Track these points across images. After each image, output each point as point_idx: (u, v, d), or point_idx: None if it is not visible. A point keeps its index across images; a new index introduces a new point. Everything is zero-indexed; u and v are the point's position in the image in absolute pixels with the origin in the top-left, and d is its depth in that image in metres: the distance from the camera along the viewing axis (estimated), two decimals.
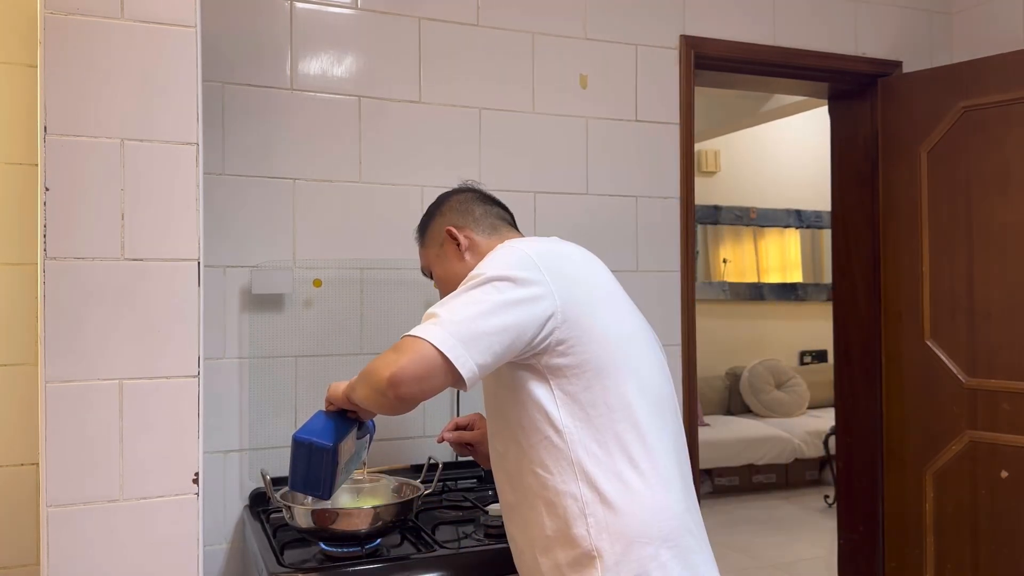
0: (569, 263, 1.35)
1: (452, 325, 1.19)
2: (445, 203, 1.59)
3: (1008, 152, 2.52)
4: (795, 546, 4.58)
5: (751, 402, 6.25)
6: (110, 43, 1.36)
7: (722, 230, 6.56)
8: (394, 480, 1.79)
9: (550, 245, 1.38)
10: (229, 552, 2.01)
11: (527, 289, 1.25)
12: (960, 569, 2.60)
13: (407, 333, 1.22)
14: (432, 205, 1.62)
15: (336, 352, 2.09)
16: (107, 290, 1.36)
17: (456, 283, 1.37)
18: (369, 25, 2.16)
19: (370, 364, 1.27)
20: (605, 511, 1.25)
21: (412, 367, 1.17)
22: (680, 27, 2.50)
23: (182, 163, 1.40)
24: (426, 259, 1.60)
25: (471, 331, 1.19)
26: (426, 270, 1.62)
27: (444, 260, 1.53)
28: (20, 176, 1.84)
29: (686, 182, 2.49)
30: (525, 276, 1.26)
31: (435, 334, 1.18)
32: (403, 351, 1.19)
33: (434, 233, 1.57)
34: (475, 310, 1.22)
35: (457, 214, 1.55)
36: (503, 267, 1.27)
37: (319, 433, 1.42)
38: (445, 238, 1.53)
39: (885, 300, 2.81)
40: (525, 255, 1.30)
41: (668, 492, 1.30)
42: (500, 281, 1.24)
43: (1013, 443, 2.49)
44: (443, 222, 1.55)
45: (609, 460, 1.27)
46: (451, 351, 1.17)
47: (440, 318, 1.21)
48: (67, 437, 1.33)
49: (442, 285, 1.54)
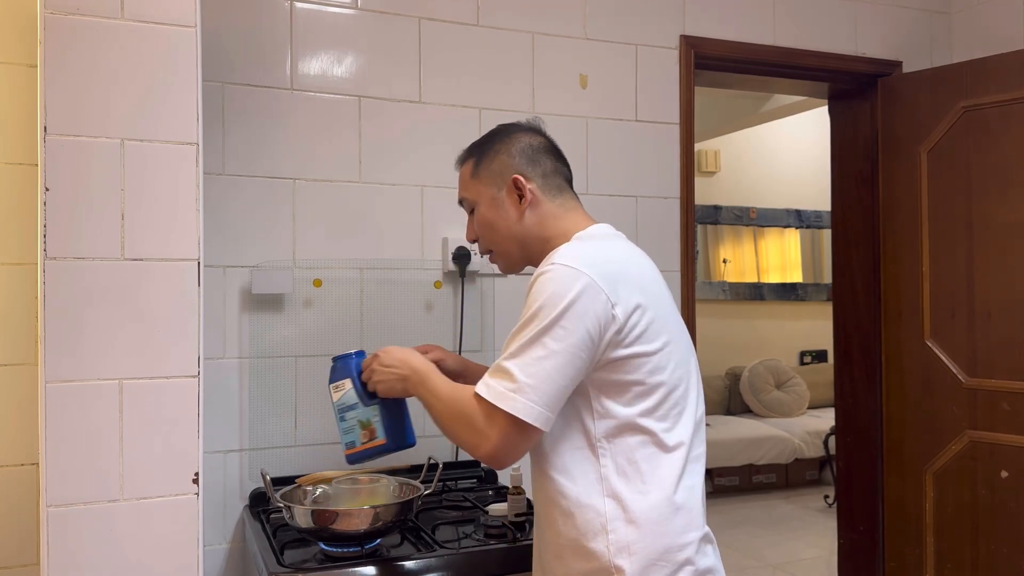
0: (636, 282, 1.28)
1: (532, 392, 1.18)
2: (514, 141, 1.42)
3: (1008, 152, 2.52)
4: (795, 546, 4.58)
5: (751, 402, 6.25)
6: (110, 43, 1.37)
7: (722, 230, 6.56)
8: (394, 480, 1.79)
9: (618, 260, 1.30)
10: (229, 552, 2.01)
11: (594, 322, 1.21)
12: (960, 569, 2.61)
13: (486, 397, 1.21)
14: (496, 133, 1.45)
15: (336, 352, 2.09)
16: (107, 290, 1.36)
17: (505, 236, 1.38)
18: (369, 25, 2.16)
19: (450, 421, 1.28)
20: (628, 529, 1.22)
21: (506, 446, 1.21)
22: (680, 27, 2.50)
23: (182, 163, 1.40)
24: (475, 194, 1.43)
25: (552, 393, 1.19)
26: (469, 204, 1.45)
27: (499, 208, 1.40)
28: (20, 176, 1.84)
29: (686, 182, 2.49)
30: (592, 309, 1.21)
31: (521, 407, 1.18)
32: (492, 426, 1.20)
33: (496, 172, 1.40)
34: (551, 365, 1.19)
35: (527, 161, 1.40)
36: (569, 301, 1.20)
37: None
38: (509, 185, 1.38)
39: (885, 300, 2.81)
40: (592, 282, 1.22)
41: (692, 514, 1.27)
42: (567, 319, 1.20)
43: (1013, 443, 2.49)
44: (510, 165, 1.39)
45: (639, 478, 1.24)
46: (538, 419, 1.19)
47: (519, 382, 1.19)
48: (67, 437, 1.33)
49: (485, 230, 1.43)
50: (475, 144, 1.47)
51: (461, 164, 1.47)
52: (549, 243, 1.36)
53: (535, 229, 1.39)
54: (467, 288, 2.22)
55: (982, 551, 2.56)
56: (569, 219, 1.39)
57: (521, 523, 1.73)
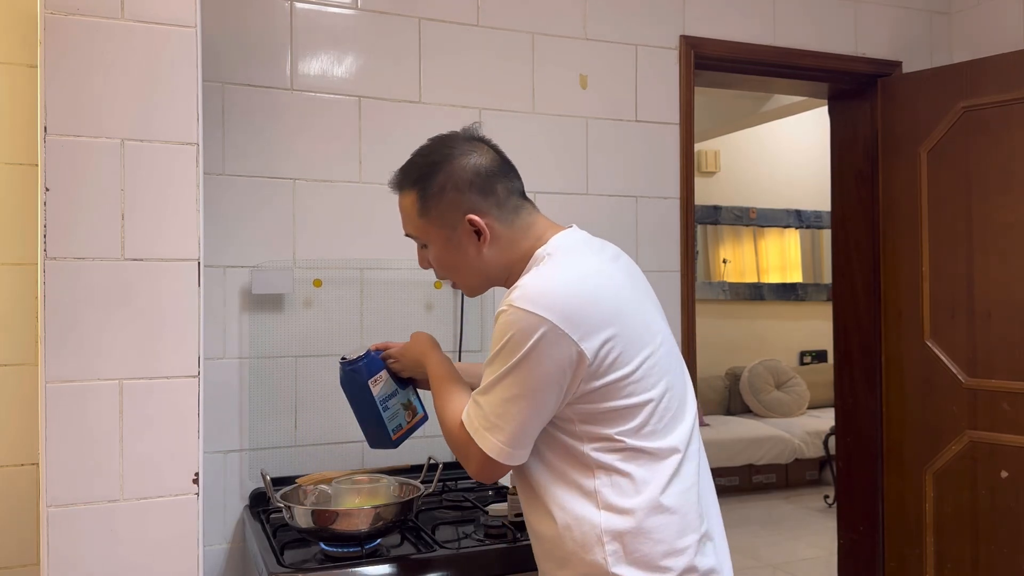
0: (606, 305, 1.24)
1: (500, 432, 1.23)
2: (458, 168, 1.30)
3: (1008, 152, 2.52)
4: (795, 546, 4.58)
5: (751, 402, 6.24)
6: (110, 43, 1.37)
7: (722, 230, 6.55)
8: (394, 480, 1.79)
9: (582, 288, 1.24)
10: (229, 552, 2.01)
11: (557, 366, 1.20)
12: (960, 569, 2.60)
13: (467, 428, 1.26)
14: (435, 162, 1.32)
15: (336, 352, 2.09)
16: (107, 290, 1.36)
17: (466, 272, 1.35)
18: (369, 25, 2.16)
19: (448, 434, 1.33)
20: (624, 539, 1.22)
21: (483, 472, 1.27)
22: (680, 27, 2.50)
23: (182, 163, 1.40)
24: (425, 235, 1.35)
25: (518, 432, 1.23)
26: (419, 241, 1.38)
27: (455, 248, 1.32)
28: (20, 176, 1.84)
29: (686, 182, 2.49)
30: (554, 354, 1.19)
31: (491, 446, 1.23)
32: (472, 452, 1.26)
33: (445, 210, 1.30)
34: (516, 409, 1.22)
35: (477, 194, 1.29)
36: (528, 348, 1.19)
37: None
38: (464, 226, 1.30)
39: (885, 300, 2.81)
40: (552, 327, 1.18)
41: (688, 517, 1.26)
42: (528, 364, 1.19)
43: (1013, 443, 2.49)
44: (460, 203, 1.29)
45: (632, 488, 1.23)
46: (506, 458, 1.24)
47: (489, 421, 1.23)
48: (67, 437, 1.33)
49: (443, 269, 1.37)
50: (412, 171, 1.34)
51: (399, 191, 1.35)
52: (518, 264, 1.34)
53: (498, 260, 1.33)
54: None
55: (982, 551, 2.56)
56: (532, 236, 1.34)
57: (521, 523, 1.73)
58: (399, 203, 1.37)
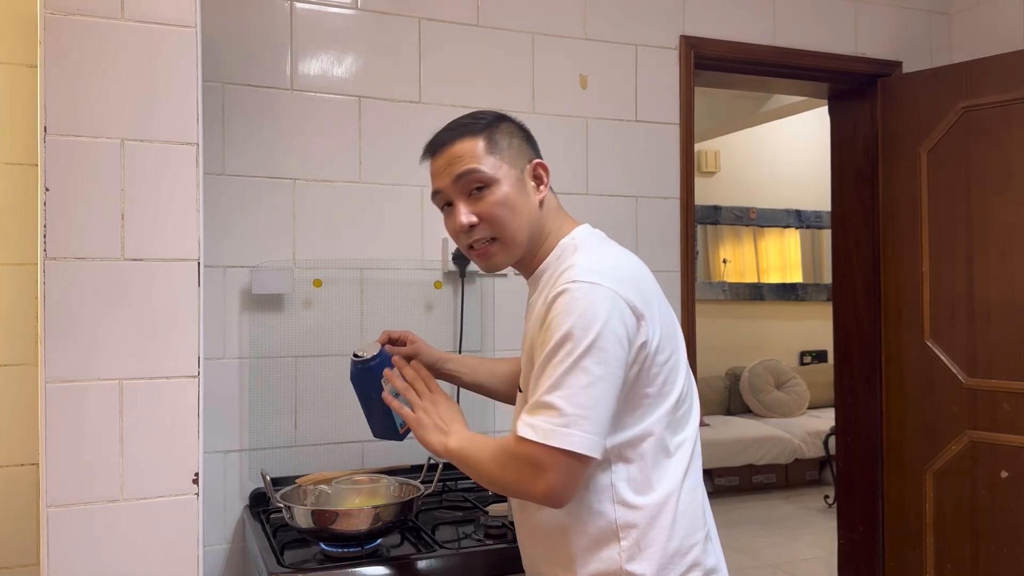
0: (649, 291, 1.26)
1: (585, 422, 1.12)
2: (516, 126, 1.36)
3: (1008, 152, 2.52)
4: (795, 546, 4.58)
5: (751, 402, 6.24)
6: (110, 43, 1.37)
7: (722, 230, 6.56)
8: (394, 480, 1.79)
9: (630, 269, 1.26)
10: (229, 552, 2.01)
11: (627, 339, 1.17)
12: (960, 569, 2.60)
13: (535, 439, 1.13)
14: (492, 115, 1.36)
15: (336, 352, 2.09)
16: (107, 290, 1.36)
17: (524, 222, 1.29)
18: (369, 25, 2.16)
19: (496, 469, 1.21)
20: (639, 534, 1.22)
21: (564, 483, 1.14)
22: (680, 27, 2.50)
23: (182, 163, 1.40)
24: (496, 170, 1.29)
25: (603, 419, 1.14)
26: (482, 180, 1.29)
27: (521, 191, 1.30)
28: (20, 176, 1.84)
29: (686, 182, 2.49)
30: (624, 325, 1.17)
31: (579, 441, 1.12)
32: (546, 466, 1.13)
33: (516, 151, 1.32)
34: (598, 392, 1.13)
35: (535, 148, 1.37)
36: (603, 320, 1.15)
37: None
38: (530, 169, 1.32)
39: (885, 300, 2.81)
40: (618, 297, 1.18)
41: (696, 514, 1.28)
42: (604, 339, 1.14)
43: (1013, 443, 2.49)
44: (525, 149, 1.34)
45: (646, 484, 1.23)
46: (594, 449, 1.14)
47: (568, 415, 1.12)
48: (67, 437, 1.33)
49: (504, 212, 1.29)
50: (471, 123, 1.33)
51: (452, 143, 1.32)
52: (546, 239, 1.33)
53: (543, 220, 1.33)
54: (467, 288, 2.22)
55: (982, 551, 2.55)
56: (561, 216, 1.36)
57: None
58: (452, 152, 1.31)
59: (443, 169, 1.32)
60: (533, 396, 1.17)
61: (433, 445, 1.30)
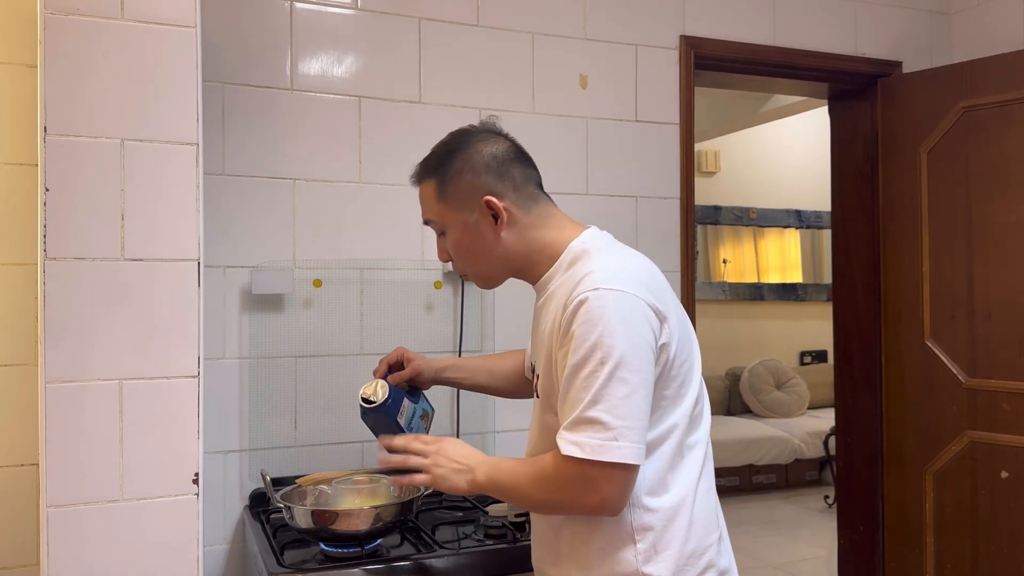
0: (664, 292, 1.27)
1: (631, 432, 1.13)
2: (475, 154, 1.32)
3: (1008, 152, 2.51)
4: (795, 546, 4.58)
5: (751, 402, 6.24)
6: (110, 43, 1.36)
7: (722, 230, 6.55)
8: None
9: (646, 272, 1.26)
10: (229, 552, 2.01)
11: (654, 343, 1.18)
12: (960, 569, 2.60)
13: (583, 456, 1.12)
14: (453, 149, 1.34)
15: (336, 352, 2.09)
16: (107, 290, 1.35)
17: (484, 259, 1.31)
18: (369, 25, 2.16)
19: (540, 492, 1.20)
20: (656, 536, 1.21)
21: (617, 495, 1.15)
22: (680, 27, 2.50)
23: (182, 163, 1.40)
24: (443, 219, 1.34)
25: (643, 427, 1.15)
26: (437, 227, 1.36)
27: (473, 232, 1.31)
28: (20, 176, 1.84)
29: (686, 182, 2.49)
30: (650, 330, 1.18)
31: (628, 453, 1.13)
32: (598, 481, 1.13)
33: (463, 194, 1.31)
34: (637, 400, 1.14)
35: (494, 177, 1.30)
36: (632, 327, 1.16)
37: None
38: (481, 207, 1.29)
39: (885, 300, 2.81)
40: (640, 302, 1.18)
41: (711, 516, 1.28)
42: (636, 346, 1.15)
43: (1013, 443, 2.49)
44: (478, 185, 1.30)
45: (663, 486, 1.23)
46: (640, 457, 1.15)
47: (614, 428, 1.12)
48: (67, 437, 1.33)
49: (462, 255, 1.35)
50: (432, 160, 1.36)
51: (419, 182, 1.37)
52: (537, 255, 1.32)
53: (517, 247, 1.32)
54: (467, 288, 2.21)
55: (982, 551, 2.55)
56: (552, 227, 1.33)
57: (521, 523, 1.73)
58: (419, 195, 1.38)
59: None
60: (566, 408, 1.17)
61: (461, 487, 1.27)
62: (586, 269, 1.23)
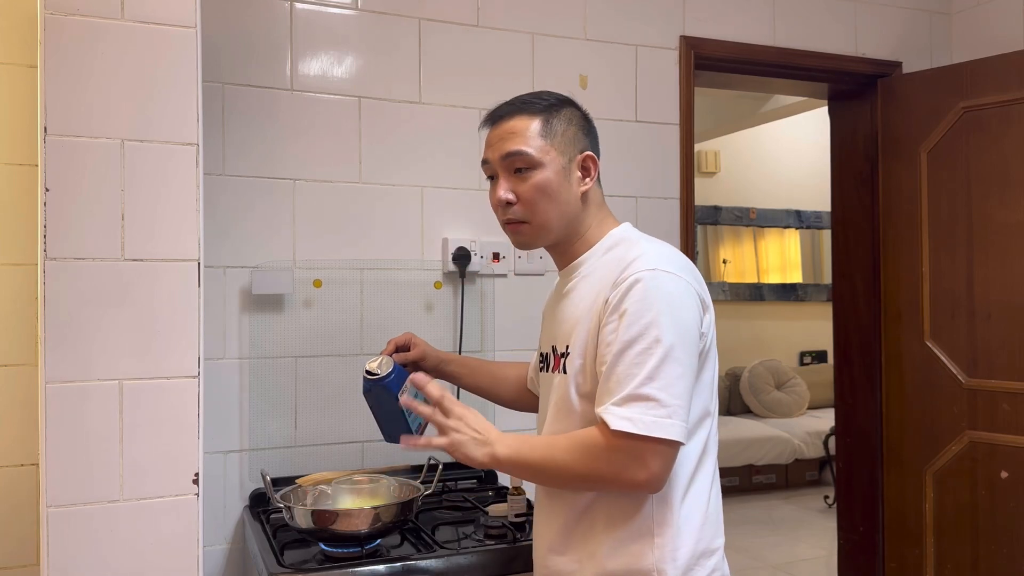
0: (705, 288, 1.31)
1: (682, 410, 1.15)
2: (580, 114, 1.36)
3: (1008, 152, 2.52)
4: (795, 546, 4.58)
5: (751, 402, 6.24)
6: (110, 43, 1.36)
7: (722, 230, 6.55)
8: (394, 480, 1.79)
9: (693, 269, 1.30)
10: (229, 552, 2.01)
11: (699, 327, 1.23)
12: (960, 569, 2.60)
13: (637, 431, 1.13)
14: (558, 98, 1.35)
15: (336, 352, 2.09)
16: (107, 290, 1.35)
17: (560, 210, 1.30)
18: (369, 25, 2.16)
19: (580, 465, 1.18)
20: (672, 533, 1.22)
21: (665, 470, 1.17)
22: (680, 27, 2.50)
23: (182, 163, 1.40)
24: (544, 155, 1.29)
25: (689, 407, 1.18)
26: (527, 161, 1.30)
27: (562, 177, 1.31)
28: (20, 176, 1.84)
29: (686, 182, 2.49)
30: (697, 314, 1.23)
31: (679, 431, 1.15)
32: (647, 457, 1.14)
33: (568, 140, 1.32)
34: (688, 381, 1.18)
35: (592, 140, 1.37)
36: (686, 310, 1.21)
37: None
38: (579, 160, 1.33)
39: (885, 300, 2.81)
40: (689, 287, 1.23)
41: (719, 520, 1.30)
42: (689, 329, 1.20)
43: (1013, 443, 2.49)
44: (580, 139, 1.33)
45: (680, 484, 1.24)
46: (686, 436, 1.17)
47: (669, 406, 1.14)
48: (67, 437, 1.33)
49: (539, 197, 1.30)
50: (536, 103, 1.33)
51: (510, 117, 1.32)
52: (586, 231, 1.35)
53: (583, 213, 1.34)
54: (467, 288, 2.22)
55: (982, 551, 2.55)
56: (604, 213, 1.39)
57: (521, 523, 1.74)
58: (507, 127, 1.32)
59: (495, 142, 1.34)
60: (611, 384, 1.17)
61: (479, 459, 1.23)
62: (635, 252, 1.26)
